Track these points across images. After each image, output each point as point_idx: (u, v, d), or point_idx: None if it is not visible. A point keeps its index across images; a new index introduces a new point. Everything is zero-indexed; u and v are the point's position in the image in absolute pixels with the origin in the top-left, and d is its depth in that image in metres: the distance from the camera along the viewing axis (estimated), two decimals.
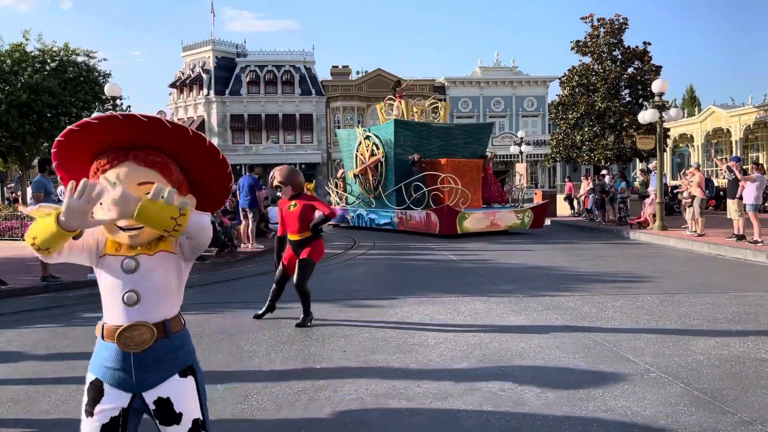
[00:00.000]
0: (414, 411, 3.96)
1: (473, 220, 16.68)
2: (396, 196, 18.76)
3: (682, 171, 16.11)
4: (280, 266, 6.59)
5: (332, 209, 6.33)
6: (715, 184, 24.40)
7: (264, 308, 6.81)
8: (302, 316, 6.45)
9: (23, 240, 17.11)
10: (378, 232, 18.52)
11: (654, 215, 16.58)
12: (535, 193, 27.14)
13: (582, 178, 25.56)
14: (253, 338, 5.93)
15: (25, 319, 7.21)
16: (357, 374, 4.77)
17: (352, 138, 21.25)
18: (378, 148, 19.26)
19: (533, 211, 18.01)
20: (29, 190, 19.39)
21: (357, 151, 20.42)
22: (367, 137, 19.84)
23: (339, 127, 45.91)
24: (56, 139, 2.02)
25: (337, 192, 22.42)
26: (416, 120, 20.00)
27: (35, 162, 24.89)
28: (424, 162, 18.04)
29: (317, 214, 6.35)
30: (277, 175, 6.34)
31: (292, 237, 6.37)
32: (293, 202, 6.32)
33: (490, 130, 22.00)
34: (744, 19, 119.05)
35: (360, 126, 21.73)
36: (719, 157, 18.58)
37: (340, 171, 23.85)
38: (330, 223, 21.46)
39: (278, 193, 6.44)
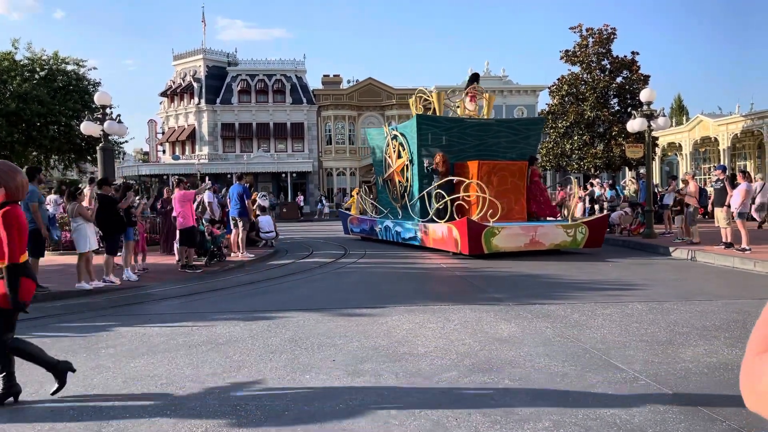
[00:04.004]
0: (404, 420, 3.96)
1: (506, 237, 13.38)
2: (420, 206, 15.94)
3: (677, 179, 16.32)
4: None
5: (21, 250, 4.35)
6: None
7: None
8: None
9: None
10: (398, 246, 16.45)
11: (630, 224, 17.42)
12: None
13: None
14: (243, 348, 5.91)
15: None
16: (347, 383, 4.76)
17: (382, 138, 18.47)
18: (404, 149, 16.69)
19: (588, 226, 14.31)
20: None
21: (385, 153, 18.01)
22: (394, 137, 17.25)
23: (330, 136, 46.01)
24: None
25: (368, 201, 19.89)
26: (460, 115, 17.12)
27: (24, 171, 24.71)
28: (451, 165, 15.35)
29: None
30: None
31: None
32: None
33: (541, 127, 18.16)
34: (731, 29, 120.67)
35: (387, 125, 19.14)
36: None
37: (373, 178, 21.42)
38: (360, 235, 19.85)
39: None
